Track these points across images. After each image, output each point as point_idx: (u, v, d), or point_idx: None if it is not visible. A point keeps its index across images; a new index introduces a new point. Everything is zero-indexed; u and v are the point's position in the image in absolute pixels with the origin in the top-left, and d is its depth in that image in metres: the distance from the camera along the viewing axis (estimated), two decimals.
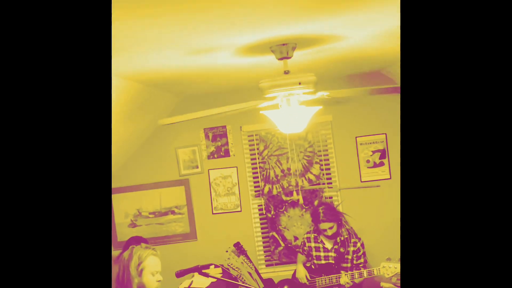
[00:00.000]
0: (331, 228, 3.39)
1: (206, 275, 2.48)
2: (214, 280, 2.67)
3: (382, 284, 3.80)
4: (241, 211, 4.41)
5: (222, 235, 4.31)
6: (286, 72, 2.30)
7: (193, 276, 3.40)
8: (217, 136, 4.39)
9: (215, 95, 4.26)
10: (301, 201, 4.23)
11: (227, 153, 4.39)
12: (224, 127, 4.38)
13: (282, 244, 4.41)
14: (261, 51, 2.39)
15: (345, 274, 3.30)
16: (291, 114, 2.33)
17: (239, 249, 3.84)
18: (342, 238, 3.49)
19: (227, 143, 4.38)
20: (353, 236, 3.53)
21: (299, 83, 2.22)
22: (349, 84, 4.24)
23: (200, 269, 2.40)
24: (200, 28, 1.85)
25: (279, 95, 2.28)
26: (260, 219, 4.46)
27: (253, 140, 4.42)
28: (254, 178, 4.44)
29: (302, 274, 3.57)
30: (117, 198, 4.39)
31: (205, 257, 4.27)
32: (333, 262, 3.49)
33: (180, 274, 2.39)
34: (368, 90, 2.83)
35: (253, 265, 3.72)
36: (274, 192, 4.40)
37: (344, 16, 1.92)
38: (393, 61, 3.35)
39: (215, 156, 4.40)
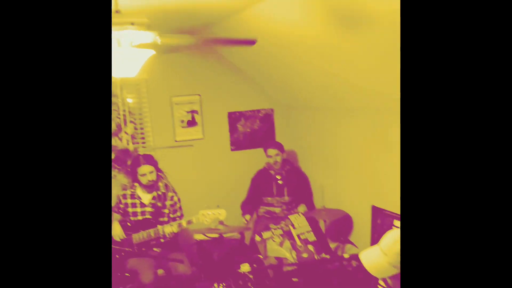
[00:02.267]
0: (151, 172, 3.38)
1: None
2: None
3: (195, 235, 3.99)
4: None
5: None
6: (117, 11, 2.18)
7: None
8: None
9: None
10: None
11: None
12: None
13: None
14: None
15: (168, 225, 3.33)
16: (122, 55, 2.21)
17: None
18: (160, 193, 3.51)
19: None
20: (170, 190, 3.58)
21: (132, 24, 2.12)
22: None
23: None
24: None
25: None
26: None
27: None
28: None
29: (117, 231, 3.46)
30: None
31: None
32: (150, 217, 3.48)
33: None
34: (205, 39, 2.86)
35: None
36: None
37: None
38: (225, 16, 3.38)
39: None
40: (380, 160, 3.35)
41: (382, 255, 1.60)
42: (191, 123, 4.48)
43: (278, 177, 4.19)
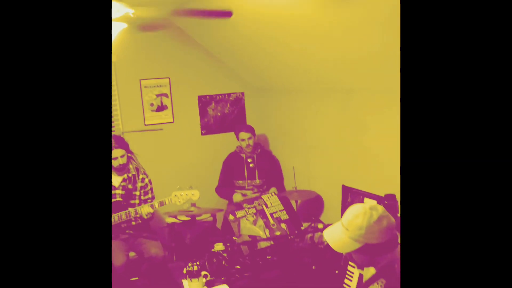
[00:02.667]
0: (122, 156, 3.32)
1: None
2: None
3: (167, 219, 3.96)
4: None
5: None
6: None
7: None
8: None
9: None
10: None
11: None
12: None
13: None
14: None
15: (147, 205, 3.28)
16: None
17: None
18: (130, 175, 3.47)
19: None
20: (141, 172, 3.54)
21: None
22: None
23: None
24: None
25: None
26: None
27: None
28: None
29: None
30: None
31: None
32: (121, 199, 3.43)
33: None
34: (179, 10, 2.79)
35: None
36: None
37: None
38: None
39: None
40: (348, 140, 3.42)
41: (344, 230, 1.65)
42: (161, 107, 4.42)
43: (249, 160, 4.21)
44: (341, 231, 1.66)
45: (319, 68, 3.36)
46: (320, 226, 3.51)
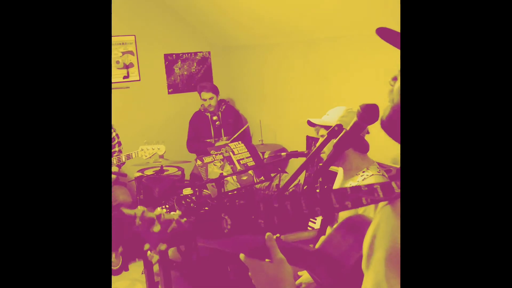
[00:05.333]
0: None
1: None
2: None
3: (135, 174, 4.00)
4: None
5: None
6: None
7: None
8: None
9: None
10: None
11: None
12: None
13: None
14: None
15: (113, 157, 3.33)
16: None
17: None
18: None
19: None
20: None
21: None
22: None
23: None
24: None
25: None
26: None
27: None
28: None
29: None
30: None
31: None
32: None
33: None
34: None
35: None
36: None
37: None
38: None
39: None
40: (311, 91, 3.53)
41: None
42: (127, 64, 4.40)
43: (214, 118, 4.28)
44: None
45: (281, 21, 3.43)
46: (284, 176, 3.66)
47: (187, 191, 2.88)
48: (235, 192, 2.89)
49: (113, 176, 3.45)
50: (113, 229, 0.99)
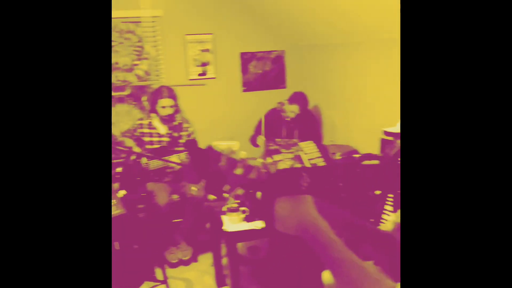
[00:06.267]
0: (172, 106, 3.50)
1: None
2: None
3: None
4: None
5: None
6: None
7: None
8: None
9: None
10: None
11: None
12: None
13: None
14: None
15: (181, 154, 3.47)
16: None
17: None
18: (176, 123, 3.64)
19: None
20: (185, 122, 3.70)
21: None
22: None
23: None
24: None
25: None
26: None
27: None
28: None
29: (134, 157, 3.61)
30: None
31: None
32: (166, 145, 3.62)
33: None
34: None
35: None
36: None
37: None
38: None
39: None
40: (393, 92, 3.43)
41: None
42: (204, 62, 4.55)
43: (288, 119, 4.28)
44: None
45: (362, 19, 3.36)
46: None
47: (257, 162, 2.92)
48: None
49: (176, 168, 3.59)
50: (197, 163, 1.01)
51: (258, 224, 2.62)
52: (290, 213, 0.92)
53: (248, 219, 2.67)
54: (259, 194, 2.77)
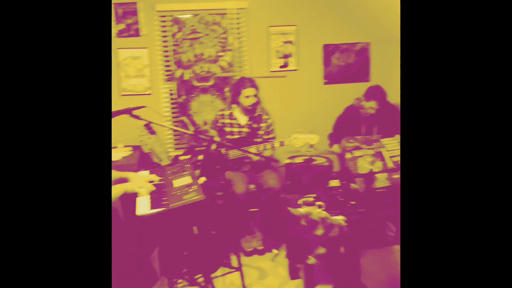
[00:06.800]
0: (254, 95, 3.55)
1: (137, 117, 2.47)
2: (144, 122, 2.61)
3: (285, 160, 4.14)
4: (151, 94, 4.34)
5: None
6: None
7: None
8: (128, 13, 4.15)
9: None
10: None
11: (137, 33, 4.21)
12: (135, 4, 4.15)
13: (192, 128, 4.49)
14: None
15: (259, 146, 3.51)
16: None
17: (149, 129, 3.82)
18: (256, 114, 3.69)
19: (137, 22, 4.18)
20: (265, 113, 3.74)
21: None
22: None
23: (131, 110, 2.39)
24: None
25: None
26: (171, 103, 4.45)
27: (166, 21, 4.27)
28: (166, 61, 4.35)
29: (214, 146, 3.72)
30: None
31: (115, 138, 4.19)
32: (245, 136, 3.69)
33: (112, 115, 2.33)
34: None
35: (163, 145, 3.76)
36: (186, 77, 4.38)
37: None
38: None
39: (125, 34, 4.19)
40: None
41: None
42: (286, 54, 4.54)
43: (367, 114, 4.15)
44: None
45: None
46: None
47: (334, 182, 2.88)
48: (384, 189, 2.79)
49: (254, 158, 3.63)
50: (275, 226, 1.06)
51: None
52: (377, 267, 1.01)
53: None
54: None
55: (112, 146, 4.17)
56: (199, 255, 3.06)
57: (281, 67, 4.53)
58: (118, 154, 3.90)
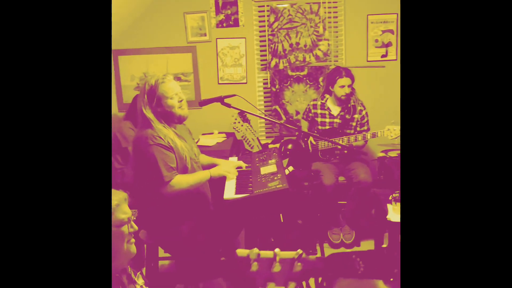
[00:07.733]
0: (350, 85, 3.49)
1: (228, 105, 2.56)
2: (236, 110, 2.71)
3: (378, 154, 4.00)
4: (246, 83, 4.45)
5: None
6: None
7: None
8: (227, 4, 4.29)
9: None
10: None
11: (236, 23, 4.32)
12: None
13: (284, 118, 4.53)
14: None
15: (349, 137, 3.45)
16: None
17: (243, 117, 3.93)
18: (349, 105, 3.61)
19: (237, 12, 4.29)
20: (359, 105, 3.64)
21: None
22: None
23: (222, 99, 2.48)
24: None
25: None
26: (264, 92, 4.52)
27: (263, 11, 4.33)
28: (261, 51, 4.42)
29: (290, 146, 3.71)
30: (123, 60, 4.37)
31: (209, 125, 4.38)
32: (336, 127, 3.63)
33: (203, 103, 2.46)
34: None
35: (255, 133, 3.83)
36: (281, 66, 4.42)
37: None
38: None
39: (224, 25, 4.33)
40: None
41: None
42: (385, 43, 4.36)
43: None
44: None
45: None
46: None
47: None
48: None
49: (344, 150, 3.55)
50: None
51: None
52: None
53: None
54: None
55: (208, 132, 4.37)
56: (284, 243, 3.10)
57: (383, 56, 4.36)
58: (212, 140, 4.07)
